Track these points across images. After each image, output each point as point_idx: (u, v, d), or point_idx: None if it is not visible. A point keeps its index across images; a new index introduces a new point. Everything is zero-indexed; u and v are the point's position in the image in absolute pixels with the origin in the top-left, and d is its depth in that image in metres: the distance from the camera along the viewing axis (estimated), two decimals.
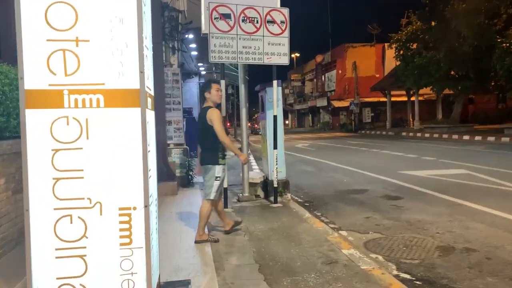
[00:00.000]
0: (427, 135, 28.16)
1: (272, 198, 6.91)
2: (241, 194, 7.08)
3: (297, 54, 60.32)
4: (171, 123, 8.72)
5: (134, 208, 2.35)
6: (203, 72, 17.29)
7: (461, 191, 7.86)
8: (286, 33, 6.42)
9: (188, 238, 4.77)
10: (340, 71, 44.46)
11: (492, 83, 28.86)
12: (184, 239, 4.73)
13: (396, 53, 33.12)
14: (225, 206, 6.34)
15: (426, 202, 7.06)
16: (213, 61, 6.19)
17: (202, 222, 4.67)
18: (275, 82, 6.56)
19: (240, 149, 6.96)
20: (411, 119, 37.82)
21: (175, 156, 8.64)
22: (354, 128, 37.95)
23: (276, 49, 6.38)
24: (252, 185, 7.17)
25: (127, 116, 2.33)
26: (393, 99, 38.24)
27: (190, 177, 8.67)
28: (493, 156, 14.29)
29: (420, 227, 5.52)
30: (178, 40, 8.99)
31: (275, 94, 6.55)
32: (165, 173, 7.92)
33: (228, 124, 42.24)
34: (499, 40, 23.51)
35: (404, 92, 36.31)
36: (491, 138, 21.77)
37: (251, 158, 13.08)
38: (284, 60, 6.48)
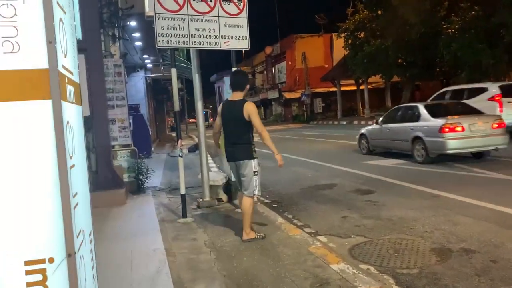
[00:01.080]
0: None
1: (236, 202, 6.12)
2: (201, 199, 6.22)
3: None
4: (115, 122, 7.67)
5: (51, 261, 1.48)
6: (150, 65, 16.07)
7: (433, 181, 7.47)
8: (245, 13, 5.62)
9: (142, 263, 3.89)
10: (290, 63, 44.19)
11: (438, 70, 29.64)
12: (136, 266, 3.84)
13: (345, 43, 33.20)
14: (184, 215, 5.49)
15: (401, 195, 6.57)
16: (161, 46, 5.27)
17: (247, 219, 4.49)
18: (234, 70, 5.74)
19: (196, 146, 6.24)
20: (361, 108, 38.30)
21: (122, 159, 7.62)
22: (307, 119, 37.87)
23: (234, 32, 5.56)
24: (213, 187, 6.34)
25: (29, 115, 1.45)
26: (342, 88, 38.50)
27: (140, 181, 7.68)
28: None
29: (405, 226, 4.96)
30: (119, 27, 7.94)
31: None
32: (110, 180, 6.91)
33: (193, 120, 40.73)
34: (444, 26, 23.98)
35: (353, 81, 36.65)
36: None
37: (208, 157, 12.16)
38: (244, 45, 5.68)
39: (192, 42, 5.36)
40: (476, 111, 10.11)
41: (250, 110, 4.45)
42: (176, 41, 5.27)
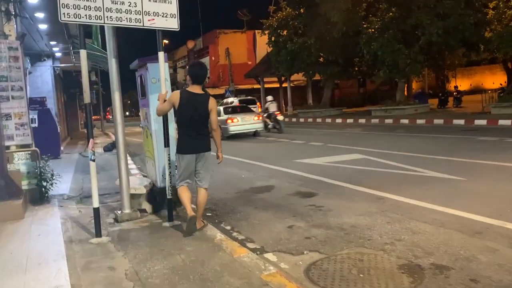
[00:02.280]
0: (301, 119, 28.64)
1: (164, 213, 5.15)
2: (119, 211, 5.13)
3: (166, 41, 57.31)
4: (10, 117, 6.24)
5: None
6: (59, 54, 14.17)
7: (373, 180, 7.10)
8: None
9: None
10: (213, 58, 43.27)
11: (356, 69, 30.55)
12: None
13: (269, 40, 32.99)
14: (97, 233, 4.40)
15: (346, 198, 6.06)
16: (67, 20, 4.11)
17: (201, 211, 4.76)
18: (161, 55, 4.74)
19: (113, 144, 5.48)
20: (283, 105, 38.54)
21: (20, 162, 6.25)
22: None
23: (160, 8, 4.57)
24: (135, 196, 5.29)
25: None
26: (266, 85, 38.44)
27: (44, 189, 6.37)
28: (375, 138, 14.45)
29: (361, 236, 4.38)
30: (15, 1, 6.49)
31: (162, 71, 4.73)
32: (3, 188, 5.56)
33: (96, 117, 37.71)
34: (365, 26, 24.58)
35: (276, 79, 36.71)
36: (361, 120, 22.73)
37: (128, 158, 10.82)
38: (172, 24, 4.71)
39: (107, 17, 4.29)
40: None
41: (214, 106, 4.58)
42: (86, 15, 4.17)
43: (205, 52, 45.22)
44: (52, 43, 11.86)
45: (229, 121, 16.53)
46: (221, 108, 17.65)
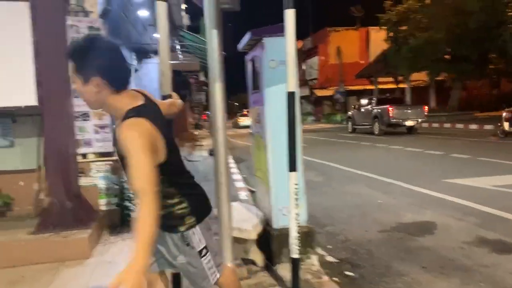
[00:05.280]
0: (425, 124, 25.05)
1: (284, 271, 3.25)
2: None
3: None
4: (89, 117, 4.89)
5: None
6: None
7: None
8: None
9: None
10: (322, 58, 41.01)
11: (491, 66, 26.04)
12: None
13: (387, 36, 29.82)
14: None
15: None
16: None
17: None
18: (290, 15, 2.74)
19: (212, 153, 3.53)
20: None
21: (98, 175, 4.87)
22: (341, 119, 34.60)
23: None
24: (240, 241, 3.47)
25: None
26: (380, 86, 35.07)
27: (126, 211, 4.92)
28: None
29: None
30: None
31: (290, 46, 2.74)
32: (69, 212, 4.15)
33: (204, 116, 37.78)
34: (510, 14, 20.42)
35: (391, 79, 33.23)
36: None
37: (232, 166, 9.22)
38: None
39: None
40: None
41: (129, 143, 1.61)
42: None
43: (314, 52, 43.15)
44: (156, 35, 10.86)
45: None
46: None
